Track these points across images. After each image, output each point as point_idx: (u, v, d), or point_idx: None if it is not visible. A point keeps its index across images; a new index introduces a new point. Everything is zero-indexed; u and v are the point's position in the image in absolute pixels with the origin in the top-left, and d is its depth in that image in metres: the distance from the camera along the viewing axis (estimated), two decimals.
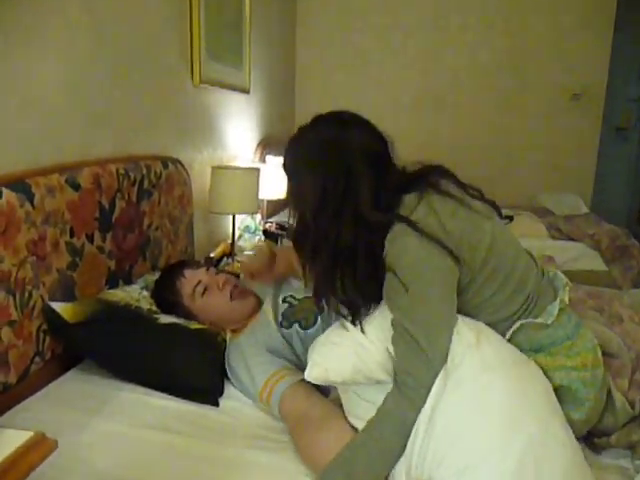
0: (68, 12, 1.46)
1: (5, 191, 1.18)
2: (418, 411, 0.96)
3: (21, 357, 1.26)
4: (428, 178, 1.09)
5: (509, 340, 1.09)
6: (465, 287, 1.05)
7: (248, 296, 1.52)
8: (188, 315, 1.49)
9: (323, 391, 1.24)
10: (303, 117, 1.17)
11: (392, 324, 1.02)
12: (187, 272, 1.52)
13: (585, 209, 3.49)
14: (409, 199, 1.05)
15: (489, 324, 1.08)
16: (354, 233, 1.03)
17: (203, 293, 1.48)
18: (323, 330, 1.34)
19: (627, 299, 1.62)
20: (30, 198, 1.25)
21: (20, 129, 1.33)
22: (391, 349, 1.03)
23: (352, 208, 1.02)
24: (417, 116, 3.90)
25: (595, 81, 3.84)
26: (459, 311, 1.05)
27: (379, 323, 1.06)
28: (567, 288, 1.14)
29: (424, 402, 0.96)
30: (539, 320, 1.08)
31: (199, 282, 1.49)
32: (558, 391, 1.06)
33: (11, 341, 1.23)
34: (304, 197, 1.06)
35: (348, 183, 1.02)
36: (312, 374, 1.05)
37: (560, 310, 1.08)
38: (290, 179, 1.13)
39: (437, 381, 0.97)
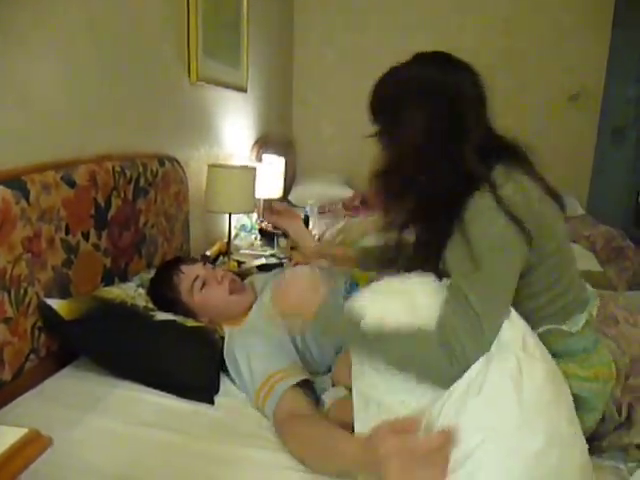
0: (65, 10, 1.46)
1: (0, 188, 1.18)
2: (450, 378, 0.93)
3: (16, 354, 1.26)
4: (516, 153, 1.06)
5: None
6: (522, 274, 1.02)
7: (246, 290, 1.53)
8: (186, 311, 1.49)
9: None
10: (300, 116, 1.18)
11: (450, 287, 0.99)
12: (184, 267, 1.52)
13: (581, 210, 3.51)
14: (498, 171, 1.01)
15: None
16: (447, 178, 1.00)
17: (202, 287, 1.48)
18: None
19: (622, 300, 1.62)
20: (25, 195, 1.24)
21: (16, 126, 1.32)
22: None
23: (455, 153, 1.00)
24: None
25: (593, 81, 3.85)
26: None
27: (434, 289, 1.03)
28: (596, 302, 1.13)
29: (460, 375, 0.93)
30: (564, 327, 1.07)
31: (197, 277, 1.49)
32: None
33: (6, 338, 1.22)
34: (404, 135, 1.03)
35: (455, 126, 1.00)
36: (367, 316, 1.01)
37: (585, 322, 1.08)
38: (385, 115, 1.08)
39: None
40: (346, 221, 2.92)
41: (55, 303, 1.33)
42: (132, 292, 1.55)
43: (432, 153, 1.02)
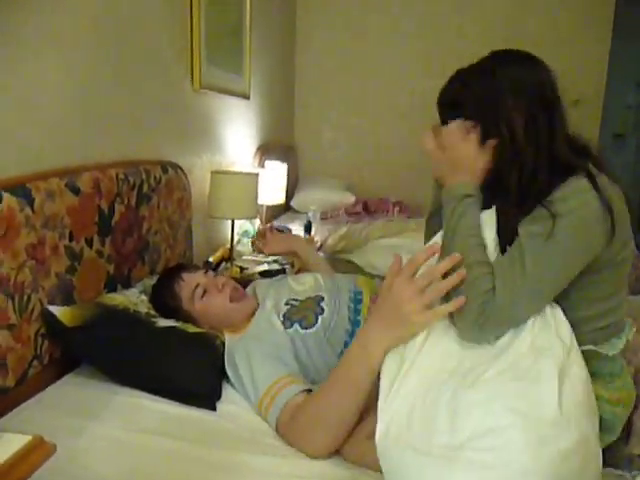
0: (69, 18, 1.47)
1: (5, 195, 1.19)
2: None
3: (19, 361, 1.26)
4: (591, 157, 1.07)
5: None
6: (588, 272, 1.02)
7: (247, 298, 1.53)
8: (188, 319, 1.49)
9: None
10: (302, 122, 1.18)
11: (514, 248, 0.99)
12: (185, 275, 1.52)
13: None
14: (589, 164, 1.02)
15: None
16: (543, 169, 1.01)
17: (203, 295, 1.49)
18: (323, 331, 1.37)
19: (625, 306, 1.62)
20: (30, 202, 1.25)
21: (20, 133, 1.33)
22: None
23: (550, 149, 1.02)
24: (416, 121, 3.90)
25: (593, 88, 3.85)
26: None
27: None
28: (633, 329, 1.13)
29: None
30: (602, 350, 1.07)
31: (198, 285, 1.49)
32: None
33: (9, 345, 1.23)
34: (506, 134, 1.03)
35: (547, 120, 1.02)
36: None
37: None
38: (482, 112, 1.07)
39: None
40: (348, 227, 2.92)
41: (57, 310, 1.34)
42: (135, 299, 1.55)
43: (531, 151, 1.02)
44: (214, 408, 1.28)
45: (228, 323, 1.48)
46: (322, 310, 1.42)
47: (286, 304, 1.46)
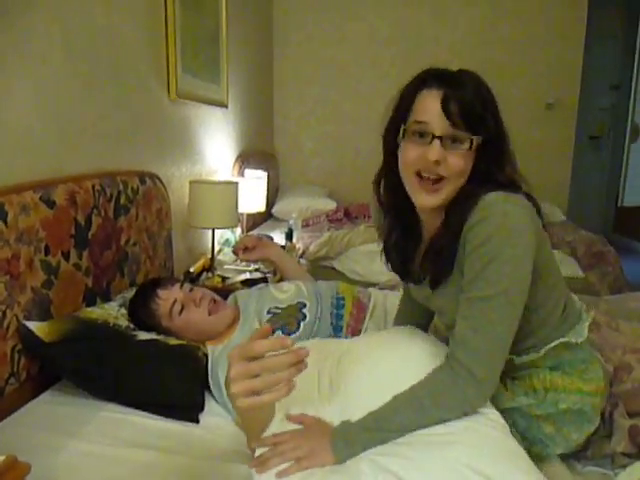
0: (39, 30, 1.45)
1: None
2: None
3: None
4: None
5: (544, 355, 1.09)
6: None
7: (226, 308, 1.51)
8: (168, 334, 1.47)
9: None
10: (281, 130, 1.18)
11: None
12: (161, 292, 1.48)
13: (561, 217, 3.55)
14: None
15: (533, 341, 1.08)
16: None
17: (180, 312, 1.46)
18: (306, 337, 1.38)
19: (604, 305, 1.64)
20: (3, 217, 1.23)
21: None
22: None
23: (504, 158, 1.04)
24: None
25: (568, 90, 3.92)
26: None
27: None
28: (591, 314, 1.15)
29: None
30: (571, 339, 1.09)
31: (175, 301, 1.46)
32: (567, 413, 1.08)
33: None
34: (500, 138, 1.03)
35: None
36: None
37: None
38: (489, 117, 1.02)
39: None
40: (330, 234, 2.92)
41: (34, 325, 1.31)
42: (114, 312, 1.52)
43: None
44: (197, 420, 1.26)
45: (209, 335, 1.47)
46: (304, 316, 1.42)
47: (268, 312, 1.47)
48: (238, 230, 2.87)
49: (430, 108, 0.99)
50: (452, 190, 1.00)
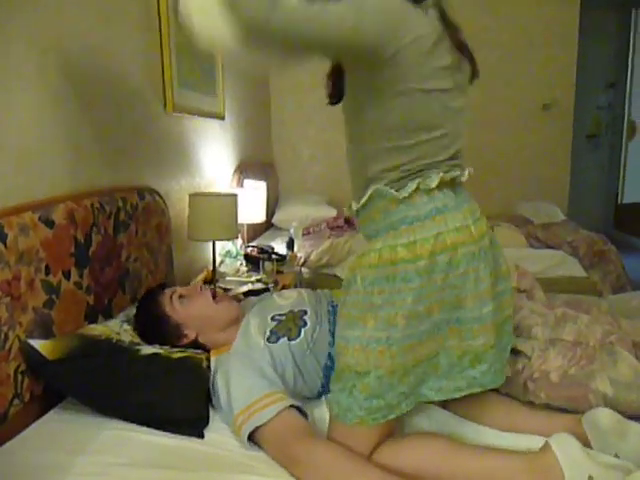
0: (35, 46, 1.46)
1: None
2: None
3: None
4: None
5: (364, 204, 1.12)
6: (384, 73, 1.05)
7: (231, 301, 1.60)
8: (174, 328, 1.50)
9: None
10: (280, 140, 1.20)
11: None
12: (166, 289, 1.59)
13: (562, 216, 3.54)
14: None
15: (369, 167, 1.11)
16: None
17: (184, 298, 1.53)
18: (307, 343, 1.41)
19: (605, 305, 1.64)
20: (2, 239, 1.23)
21: None
22: None
23: None
24: None
25: (564, 90, 3.92)
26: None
27: None
28: (467, 172, 1.16)
29: None
30: (394, 192, 1.09)
31: (175, 290, 1.57)
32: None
33: None
34: None
35: None
36: None
37: (426, 192, 1.09)
38: None
39: None
40: (331, 241, 2.92)
41: (38, 343, 1.31)
42: (117, 328, 1.53)
43: None
44: (202, 435, 1.26)
45: (216, 324, 1.51)
46: (305, 323, 1.45)
47: (272, 319, 1.49)
48: (239, 241, 2.87)
49: None
50: None
